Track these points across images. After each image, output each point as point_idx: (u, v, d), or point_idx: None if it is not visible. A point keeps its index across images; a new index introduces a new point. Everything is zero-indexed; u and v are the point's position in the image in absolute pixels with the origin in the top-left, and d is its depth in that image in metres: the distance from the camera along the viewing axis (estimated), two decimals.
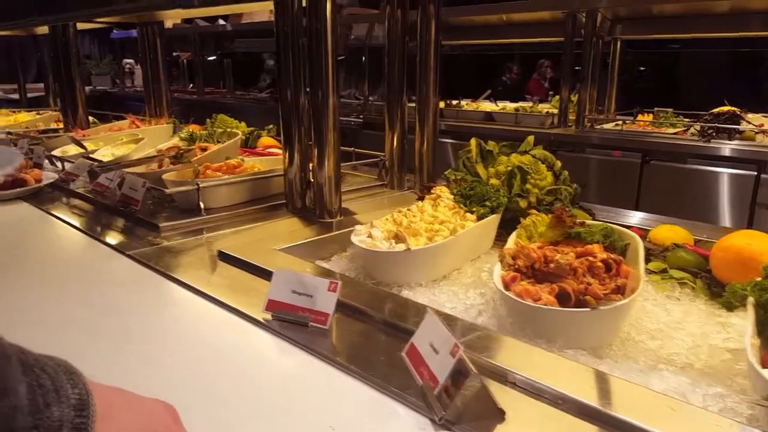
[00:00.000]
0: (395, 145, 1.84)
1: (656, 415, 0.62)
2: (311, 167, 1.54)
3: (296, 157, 1.54)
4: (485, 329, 0.83)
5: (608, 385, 0.69)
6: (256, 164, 1.74)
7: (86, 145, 1.97)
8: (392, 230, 1.14)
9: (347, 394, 0.72)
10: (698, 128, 3.41)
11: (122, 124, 2.33)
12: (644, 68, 6.30)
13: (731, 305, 0.91)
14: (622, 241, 1.03)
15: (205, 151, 1.77)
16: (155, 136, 2.14)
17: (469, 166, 1.54)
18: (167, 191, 1.43)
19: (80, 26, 2.88)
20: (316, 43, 1.36)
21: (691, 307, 0.94)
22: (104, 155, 1.84)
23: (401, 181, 1.88)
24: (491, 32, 4.54)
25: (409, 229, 1.14)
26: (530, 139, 1.56)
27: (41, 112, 3.29)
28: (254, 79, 8.43)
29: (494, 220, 1.22)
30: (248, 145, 2.13)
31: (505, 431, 0.63)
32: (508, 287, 0.87)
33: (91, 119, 2.88)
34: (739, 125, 3.28)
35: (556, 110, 3.98)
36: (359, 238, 1.12)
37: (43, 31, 3.24)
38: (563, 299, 0.85)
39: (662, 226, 1.25)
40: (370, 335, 0.87)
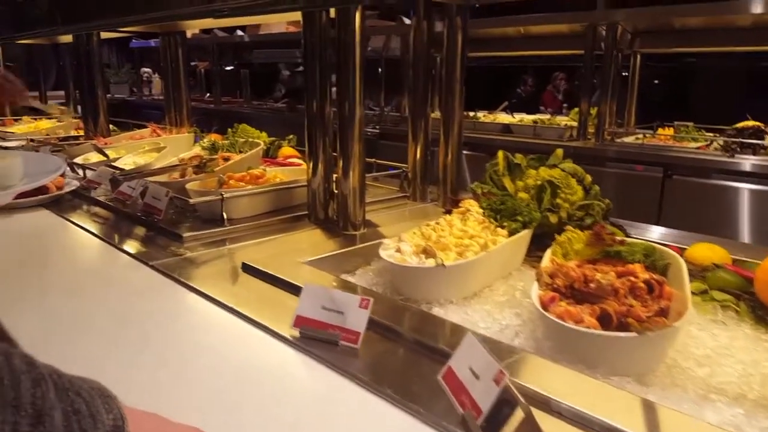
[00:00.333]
0: (418, 156, 1.82)
1: None
2: (335, 178, 1.52)
3: (320, 167, 1.52)
4: (524, 352, 0.79)
5: (660, 416, 0.65)
6: (278, 174, 1.72)
7: (108, 153, 1.97)
8: (421, 244, 1.11)
9: (382, 419, 0.69)
10: (722, 143, 3.35)
11: (143, 132, 2.33)
12: (658, 81, 6.23)
13: None
14: (663, 260, 0.99)
15: (227, 160, 1.76)
16: (176, 144, 2.13)
17: (496, 179, 1.51)
18: (191, 201, 1.42)
19: (103, 35, 2.91)
20: (344, 54, 1.34)
21: (737, 331, 0.89)
22: (126, 163, 1.83)
23: (424, 193, 1.86)
24: (508, 44, 4.52)
25: (438, 243, 1.11)
26: (559, 152, 1.52)
27: (62, 119, 3.31)
28: (270, 88, 8.48)
29: (526, 235, 1.19)
30: (269, 155, 2.12)
31: None
32: (546, 308, 0.83)
33: (111, 127, 2.89)
34: (763, 140, 3.22)
35: (574, 123, 3.94)
36: (387, 252, 1.09)
37: (66, 39, 3.28)
38: (605, 322, 0.81)
39: (699, 244, 1.21)
40: (402, 356, 0.83)
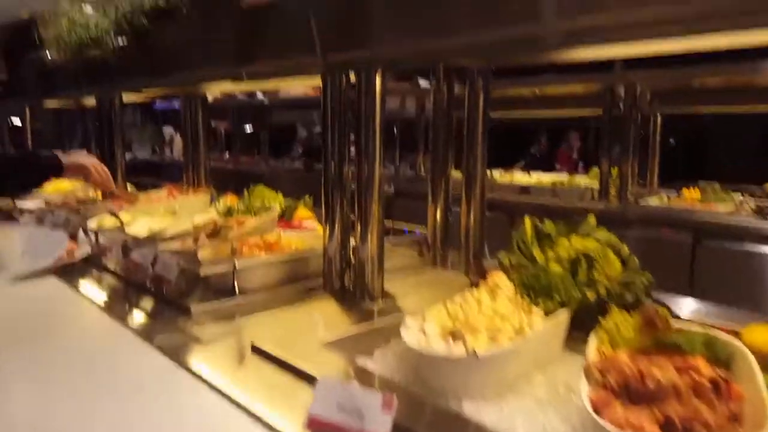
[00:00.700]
0: (438, 218, 1.74)
1: None
2: (351, 244, 1.45)
3: (337, 231, 1.44)
4: None
5: None
6: (293, 240, 1.65)
7: (122, 216, 1.92)
8: (447, 325, 1.01)
9: None
10: (753, 206, 3.24)
11: (159, 194, 2.30)
12: (676, 140, 6.18)
13: None
14: (725, 350, 0.88)
15: (242, 225, 1.69)
16: (192, 206, 2.09)
17: (524, 248, 1.41)
18: (202, 273, 1.34)
19: (126, 98, 2.95)
20: (365, 117, 1.30)
21: None
22: (140, 228, 1.78)
23: (444, 258, 1.76)
24: (522, 105, 4.52)
25: (466, 324, 1.01)
26: (591, 219, 1.43)
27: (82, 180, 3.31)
28: (287, 148, 8.62)
29: (565, 318, 1.08)
30: (284, 217, 2.05)
31: None
32: (600, 412, 0.72)
33: (129, 188, 2.88)
34: None
35: (594, 184, 3.86)
36: (411, 335, 0.99)
37: (90, 102, 3.34)
38: (669, 431, 0.69)
39: (757, 326, 1.09)
40: None
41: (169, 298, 1.36)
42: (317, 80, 1.39)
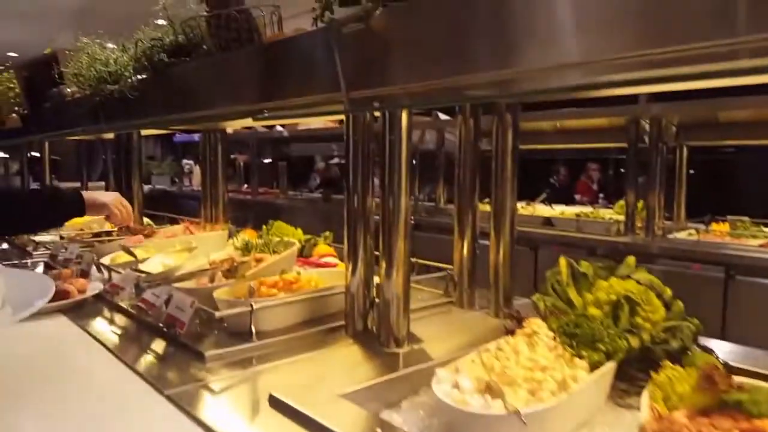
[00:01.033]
0: (465, 254, 1.66)
1: None
2: (375, 282, 1.38)
3: (360, 268, 1.37)
4: None
5: None
6: (313, 278, 1.58)
7: (137, 252, 1.88)
8: (483, 378, 0.92)
9: None
10: None
11: (176, 229, 2.26)
12: (700, 172, 6.04)
13: None
14: None
15: (260, 261, 1.63)
16: (209, 242, 2.04)
17: (559, 290, 1.33)
18: (217, 315, 1.27)
19: (145, 132, 2.95)
20: (390, 153, 1.24)
21: None
22: (154, 266, 1.73)
23: (472, 298, 1.68)
24: (544, 138, 4.47)
25: (503, 376, 0.93)
26: (630, 260, 1.34)
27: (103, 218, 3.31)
28: (305, 178, 8.64)
29: (611, 370, 0.99)
30: (303, 254, 1.99)
31: None
32: None
33: (146, 221, 2.85)
34: None
35: (619, 216, 3.75)
36: (443, 389, 0.90)
37: (110, 135, 3.35)
38: None
39: None
40: None
41: (182, 341, 1.29)
42: (339, 115, 1.34)
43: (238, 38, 1.64)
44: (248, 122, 2.02)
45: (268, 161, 7.08)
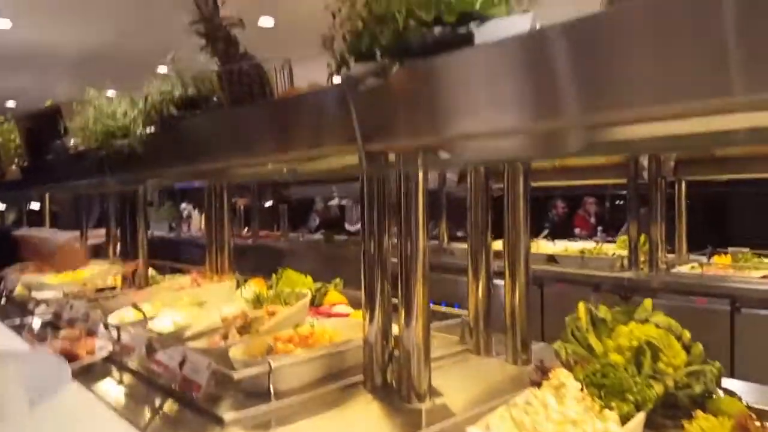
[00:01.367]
0: (480, 297, 1.64)
1: None
2: (394, 332, 1.36)
3: (378, 317, 1.35)
4: None
5: None
6: (327, 330, 1.56)
7: (145, 308, 1.85)
8: None
9: None
10: None
11: (183, 282, 2.24)
12: (700, 205, 6.12)
13: None
14: None
15: (273, 315, 1.61)
16: (218, 294, 2.02)
17: (579, 337, 1.32)
18: (236, 376, 1.25)
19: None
20: (407, 199, 1.24)
21: None
22: (164, 323, 1.70)
23: (488, 344, 1.65)
24: (543, 175, 4.50)
25: None
26: (647, 303, 1.34)
27: (100, 266, 3.28)
28: (304, 219, 8.64)
29: (641, 422, 0.97)
30: (314, 303, 1.97)
31: None
32: None
33: (150, 272, 2.82)
34: None
35: (622, 251, 3.76)
36: None
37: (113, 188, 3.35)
38: None
39: None
40: None
41: (198, 404, 1.26)
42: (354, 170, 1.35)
43: (250, 92, 1.67)
44: (257, 172, 2.03)
45: (268, 204, 7.10)
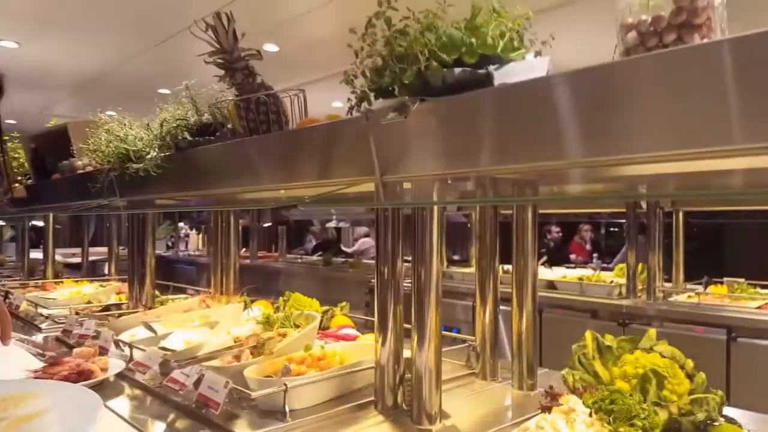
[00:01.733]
0: (488, 322, 1.68)
1: None
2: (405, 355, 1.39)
3: (391, 341, 1.39)
4: None
5: None
6: (336, 352, 1.60)
7: (156, 327, 1.89)
8: None
9: None
10: None
11: (192, 303, 2.27)
12: (696, 235, 6.24)
13: None
14: None
15: (284, 337, 1.65)
16: (226, 315, 2.05)
17: (586, 364, 1.37)
18: (253, 395, 1.29)
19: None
20: (422, 225, 1.30)
21: None
22: (176, 342, 1.74)
23: (495, 369, 1.70)
24: (544, 203, 4.58)
25: None
26: (651, 332, 1.39)
27: (104, 284, 3.31)
28: (300, 239, 8.68)
29: None
30: (321, 325, 2.01)
31: None
32: None
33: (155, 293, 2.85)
34: None
35: (620, 279, 3.82)
36: None
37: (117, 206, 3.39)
38: None
39: None
40: None
41: (215, 422, 1.29)
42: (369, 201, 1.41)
43: (266, 120, 1.73)
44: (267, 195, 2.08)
45: (267, 225, 7.15)
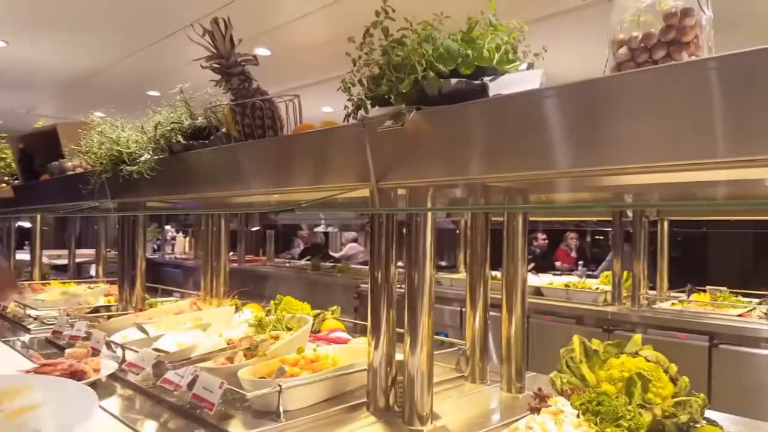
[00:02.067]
0: (478, 327, 1.72)
1: None
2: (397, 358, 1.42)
3: (383, 344, 1.41)
4: None
5: None
6: (328, 355, 1.62)
7: (147, 328, 1.89)
8: None
9: None
10: (765, 310, 3.25)
11: (182, 305, 2.27)
12: (680, 244, 6.36)
13: None
14: None
15: (276, 339, 1.67)
16: (218, 318, 2.06)
17: (573, 367, 1.41)
18: (249, 396, 1.30)
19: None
20: (416, 231, 1.33)
21: None
22: (169, 344, 1.74)
23: (483, 372, 1.73)
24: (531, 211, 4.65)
25: None
26: (637, 338, 1.44)
27: (92, 286, 3.30)
28: (287, 244, 8.66)
29: None
30: (312, 328, 2.03)
31: None
32: None
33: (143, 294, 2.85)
34: None
35: (606, 286, 3.89)
36: None
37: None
38: None
39: None
40: None
41: (210, 422, 1.31)
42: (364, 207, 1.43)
43: (262, 125, 1.75)
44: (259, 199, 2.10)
45: (255, 229, 7.14)
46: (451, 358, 1.80)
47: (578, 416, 1.12)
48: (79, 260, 5.47)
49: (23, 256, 4.69)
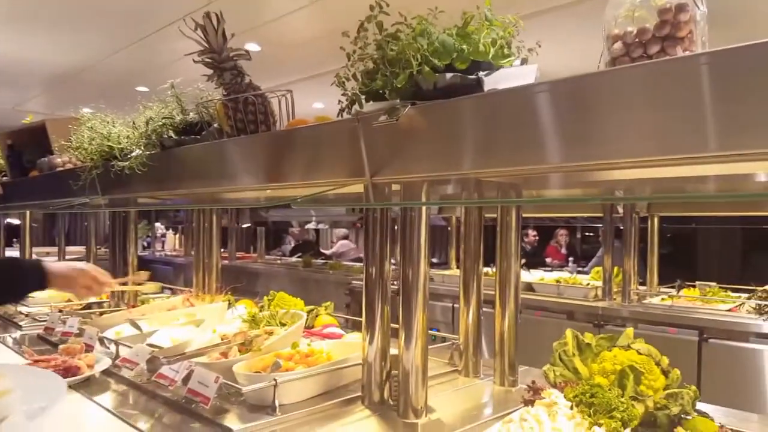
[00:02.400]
0: (471, 322, 1.73)
1: None
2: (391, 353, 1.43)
3: (378, 338, 1.42)
4: None
5: None
6: (323, 350, 1.63)
7: (140, 324, 1.88)
8: None
9: None
10: (754, 305, 3.29)
11: (175, 301, 2.27)
12: (670, 240, 6.43)
13: None
14: None
15: (270, 335, 1.67)
16: (211, 314, 2.05)
17: (566, 360, 1.42)
18: (244, 390, 1.30)
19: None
20: (411, 225, 1.33)
21: None
22: (162, 340, 1.74)
23: (477, 366, 1.74)
24: (523, 207, 4.68)
25: None
26: (629, 331, 1.45)
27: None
28: (278, 241, 8.64)
29: None
30: (306, 324, 2.03)
31: None
32: None
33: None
34: None
35: (596, 281, 3.92)
36: None
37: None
38: None
39: None
40: None
41: (205, 416, 1.31)
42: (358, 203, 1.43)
43: (254, 120, 1.75)
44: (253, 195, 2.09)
45: (246, 225, 7.12)
46: (444, 352, 1.81)
47: (572, 408, 1.13)
48: (68, 257, 5.44)
49: (12, 253, 4.64)
